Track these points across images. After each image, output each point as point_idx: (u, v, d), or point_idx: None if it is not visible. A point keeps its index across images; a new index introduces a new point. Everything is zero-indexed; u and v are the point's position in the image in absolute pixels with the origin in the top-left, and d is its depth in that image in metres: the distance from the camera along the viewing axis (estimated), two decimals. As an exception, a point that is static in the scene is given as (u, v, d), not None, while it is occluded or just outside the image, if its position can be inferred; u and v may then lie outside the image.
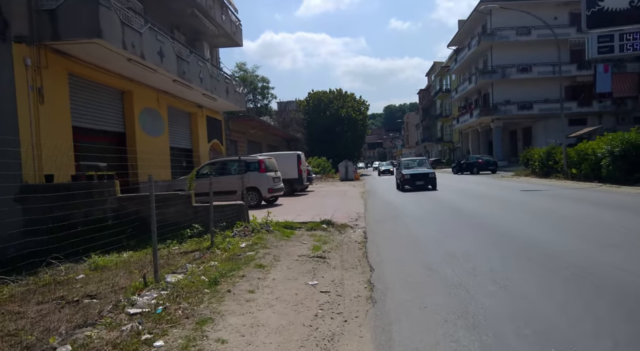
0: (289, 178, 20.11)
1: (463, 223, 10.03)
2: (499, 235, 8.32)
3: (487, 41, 42.94)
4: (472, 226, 9.54)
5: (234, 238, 8.45)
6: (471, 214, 11.58)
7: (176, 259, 7.61)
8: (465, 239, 8.09)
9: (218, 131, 24.66)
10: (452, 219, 10.92)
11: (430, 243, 7.93)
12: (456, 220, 10.66)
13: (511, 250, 6.94)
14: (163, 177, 17.44)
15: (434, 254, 6.99)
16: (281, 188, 15.67)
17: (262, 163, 14.66)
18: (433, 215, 11.84)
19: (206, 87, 18.94)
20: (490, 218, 10.65)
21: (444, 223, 10.32)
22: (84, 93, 13.78)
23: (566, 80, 43.69)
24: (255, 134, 32.04)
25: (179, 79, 16.39)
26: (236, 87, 23.84)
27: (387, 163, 55.41)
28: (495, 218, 10.55)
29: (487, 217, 10.94)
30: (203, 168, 15.39)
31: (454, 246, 7.43)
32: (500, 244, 7.44)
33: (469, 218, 10.77)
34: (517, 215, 11.03)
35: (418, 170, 20.89)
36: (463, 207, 13.17)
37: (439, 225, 10.08)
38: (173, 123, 19.53)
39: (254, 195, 14.60)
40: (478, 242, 7.80)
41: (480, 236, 8.35)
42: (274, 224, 9.96)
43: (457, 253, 6.81)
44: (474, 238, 8.12)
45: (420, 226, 10.09)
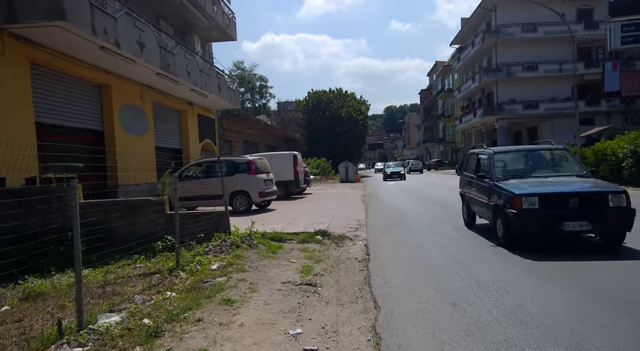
0: (284, 181, 18.53)
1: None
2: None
3: (492, 38, 41.31)
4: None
5: (207, 255, 6.87)
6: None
7: (131, 284, 6.04)
8: (493, 261, 6.49)
9: (211, 130, 23.09)
10: (470, 231, 9.32)
11: (449, 263, 6.33)
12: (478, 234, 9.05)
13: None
14: (148, 179, 15.80)
15: (456, 281, 5.40)
16: (274, 191, 14.08)
17: (252, 164, 13.08)
18: (445, 223, 10.24)
19: (195, 81, 17.37)
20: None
21: (462, 236, 8.71)
22: (53, 86, 12.20)
23: (574, 78, 42.03)
24: (252, 134, 30.47)
25: (162, 72, 14.82)
26: (229, 84, 22.26)
27: (395, 163, 42.91)
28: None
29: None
30: (187, 169, 13.81)
31: (482, 272, 5.82)
32: (526, 266, 5.84)
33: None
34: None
35: None
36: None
37: (455, 237, 8.47)
38: (159, 121, 17.96)
39: (243, 200, 13.02)
40: (513, 267, 6.21)
41: (507, 254, 6.75)
42: (259, 236, 8.37)
43: (486, 284, 5.22)
44: (503, 261, 6.53)
45: (430, 237, 8.49)
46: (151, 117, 16.83)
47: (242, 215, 12.63)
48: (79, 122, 13.39)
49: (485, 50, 43.92)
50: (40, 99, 11.64)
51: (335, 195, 20.27)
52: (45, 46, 11.29)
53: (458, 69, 52.28)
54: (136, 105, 15.78)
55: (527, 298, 4.55)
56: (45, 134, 11.77)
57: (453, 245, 7.69)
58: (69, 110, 12.85)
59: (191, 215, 8.73)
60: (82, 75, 13.19)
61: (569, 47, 42.67)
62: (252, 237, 8.01)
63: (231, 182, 13.08)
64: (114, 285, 6.09)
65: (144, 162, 15.97)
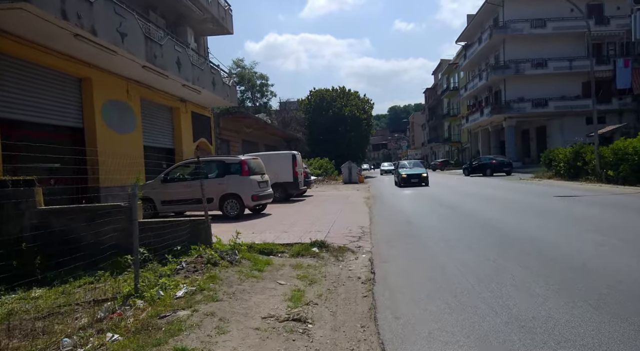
0: (282, 182, 17.26)
1: (513, 251, 7.11)
2: (580, 271, 5.41)
3: (500, 34, 39.89)
4: (530, 255, 6.62)
5: (176, 277, 5.59)
6: (515, 233, 8.65)
7: (75, 314, 4.79)
8: (536, 293, 5.18)
9: (206, 129, 21.85)
10: (489, 241, 8.00)
11: (477, 290, 5.03)
12: (497, 243, 7.73)
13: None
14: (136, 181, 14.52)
15: (496, 318, 4.10)
16: (269, 194, 12.80)
17: (244, 165, 11.80)
18: (461, 233, 8.92)
19: (186, 76, 16.13)
20: (546, 240, 7.73)
21: (483, 250, 7.39)
22: (22, 79, 10.97)
23: (583, 75, 40.58)
24: (251, 133, 29.22)
25: (149, 64, 13.59)
26: (226, 80, 21.01)
27: (413, 162, 28.49)
28: (552, 238, 7.63)
29: (540, 239, 8.01)
30: (174, 170, 12.55)
31: (527, 307, 4.51)
32: (589, 287, 4.55)
33: (515, 241, 7.85)
34: (590, 237, 7.95)
35: None
36: (496, 221, 10.24)
37: (476, 252, 7.14)
38: (149, 119, 16.73)
39: (234, 204, 11.74)
40: (564, 300, 4.90)
41: (555, 277, 5.44)
42: (245, 249, 7.08)
43: (536, 324, 3.91)
44: (549, 287, 5.22)
45: (448, 251, 7.17)
46: (139, 114, 15.60)
47: (232, 221, 11.35)
48: (55, 119, 12.17)
49: (493, 47, 42.52)
50: (6, 93, 10.42)
51: (338, 197, 18.98)
52: (10, 33, 10.06)
53: (464, 67, 50.87)
54: (122, 101, 14.55)
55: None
56: (12, 132, 10.54)
57: (475, 261, 6.39)
58: (42, 105, 11.62)
59: (166, 224, 7.45)
60: (58, 67, 11.97)
61: (579, 43, 41.46)
62: (235, 251, 6.73)
63: (221, 184, 11.82)
64: (54, 316, 4.84)
65: (131, 163, 14.77)
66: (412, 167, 26.12)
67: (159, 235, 7.48)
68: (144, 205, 12.23)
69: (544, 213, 11.20)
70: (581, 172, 21.49)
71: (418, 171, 24.60)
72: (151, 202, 12.19)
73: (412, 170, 24.82)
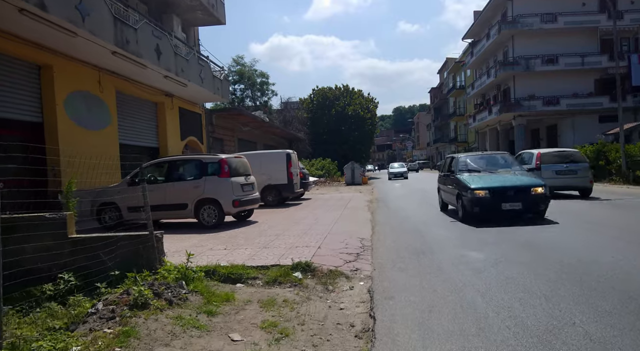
0: (275, 184, 15.36)
1: (567, 283, 5.16)
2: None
3: (509, 29, 37.77)
4: (597, 287, 4.68)
5: (75, 331, 3.70)
6: (558, 252, 6.70)
7: None
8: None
9: (196, 126, 20.01)
10: (525, 262, 6.04)
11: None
12: (539, 267, 5.78)
13: None
14: (110, 184, 12.75)
15: None
16: (255, 199, 10.87)
17: (224, 165, 9.89)
18: (483, 249, 6.98)
19: (167, 66, 14.27)
20: (608, 262, 5.77)
21: (521, 278, 5.43)
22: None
23: (595, 72, 38.40)
24: (248, 132, 27.34)
25: (119, 50, 11.73)
26: (217, 73, 19.16)
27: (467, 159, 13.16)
28: (621, 262, 5.68)
29: (599, 260, 6.05)
30: (144, 170, 10.62)
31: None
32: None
33: (565, 266, 5.90)
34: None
35: None
36: (544, 237, 8.28)
37: (515, 283, 5.20)
38: (127, 114, 14.91)
39: (211, 211, 9.83)
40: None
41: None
42: (201, 277, 5.18)
43: None
44: None
45: (476, 281, 5.23)
46: (114, 109, 13.77)
47: (209, 231, 9.45)
48: (7, 111, 10.34)
49: (501, 43, 40.40)
50: None
51: (338, 200, 17.05)
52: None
53: (471, 65, 48.75)
54: (91, 93, 12.71)
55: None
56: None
57: (518, 301, 4.45)
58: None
59: (105, 241, 5.57)
60: (9, 51, 10.15)
61: (592, 39, 39.27)
62: (182, 283, 4.81)
63: (197, 187, 9.92)
64: None
65: (105, 163, 12.93)
66: None
67: (95, 256, 5.62)
68: (109, 212, 10.38)
69: (585, 222, 9.22)
70: (603, 172, 19.48)
71: None
72: (116, 209, 10.31)
73: None
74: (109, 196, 10.13)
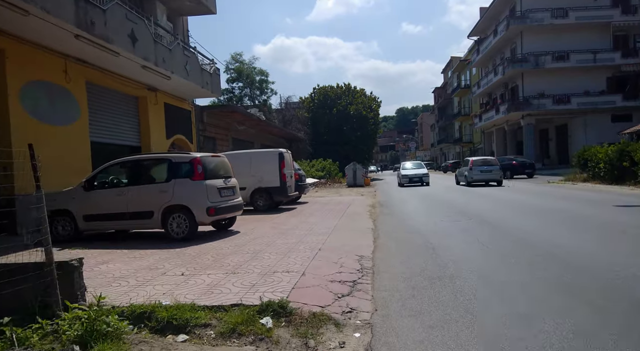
0: (266, 187, 13.65)
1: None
2: None
3: (517, 25, 35.99)
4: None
5: None
6: (608, 275, 5.00)
7: None
8: None
9: (185, 124, 18.35)
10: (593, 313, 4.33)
11: None
12: (602, 309, 4.07)
13: None
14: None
15: None
16: (236, 206, 9.15)
17: (197, 165, 8.20)
18: (520, 277, 5.27)
19: (144, 55, 12.60)
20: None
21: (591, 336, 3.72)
22: None
23: (608, 69, 36.54)
24: (245, 132, 25.67)
25: (82, 33, 10.07)
26: (206, 67, 17.51)
27: None
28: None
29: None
30: (104, 172, 8.94)
31: None
32: None
33: (624, 298, 4.20)
34: None
35: None
36: (562, 248, 6.57)
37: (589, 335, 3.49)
38: (101, 109, 13.27)
39: (181, 220, 8.15)
40: None
41: None
42: (118, 330, 3.48)
43: None
44: None
45: (528, 336, 3.54)
46: (85, 102, 12.12)
47: (176, 245, 7.74)
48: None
49: (509, 39, 38.62)
50: None
51: (337, 204, 15.34)
52: None
53: (477, 63, 46.99)
54: (55, 83, 11.07)
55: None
56: None
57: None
58: None
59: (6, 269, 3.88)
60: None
61: (604, 34, 37.37)
62: (74, 349, 3.11)
63: (164, 191, 8.21)
64: None
65: (75, 162, 11.29)
66: None
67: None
68: (62, 222, 8.71)
69: (621, 231, 7.48)
70: (626, 174, 17.69)
71: None
72: (70, 218, 8.64)
73: None
74: (62, 203, 8.45)
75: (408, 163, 29.19)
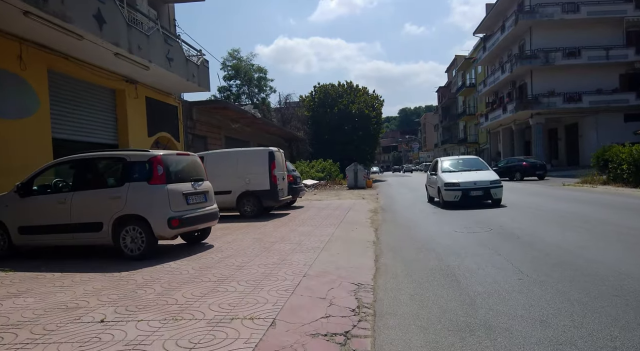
0: (255, 191, 11.97)
1: None
2: None
3: (526, 20, 34.22)
4: None
5: None
6: None
7: None
8: None
9: (171, 121, 16.74)
10: None
11: None
12: None
13: None
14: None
15: None
16: (209, 215, 7.45)
17: (156, 165, 6.53)
18: (583, 332, 3.58)
19: (115, 39, 10.96)
20: None
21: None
22: None
23: (621, 66, 34.68)
24: (239, 130, 24.06)
25: (32, 9, 8.45)
26: (193, 58, 15.88)
27: None
28: None
29: None
30: (43, 174, 7.26)
31: None
32: None
33: None
34: None
35: None
36: (630, 277, 4.87)
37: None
38: (67, 101, 11.64)
39: (136, 234, 6.50)
40: None
41: None
42: None
43: None
44: None
45: None
46: (44, 92, 10.49)
47: (125, 268, 6.05)
48: None
49: (517, 35, 36.84)
50: None
51: (334, 209, 13.67)
52: None
53: (483, 61, 45.22)
54: (6, 70, 9.47)
55: None
56: None
57: None
58: None
59: None
60: None
61: (617, 30, 35.55)
62: None
63: (116, 198, 6.54)
64: None
65: (26, 163, 9.68)
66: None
67: None
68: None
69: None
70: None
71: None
72: (2, 230, 6.99)
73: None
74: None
75: (448, 162, 14.79)
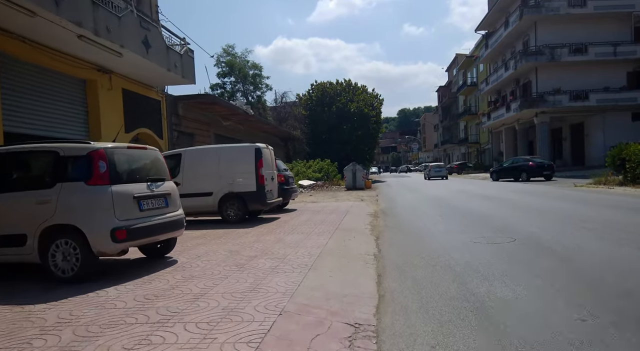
0: (239, 192, 10.46)
1: None
2: None
3: (531, 15, 32.80)
4: None
5: None
6: None
7: None
8: None
9: (152, 116, 15.26)
10: None
11: None
12: None
13: None
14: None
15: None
16: (172, 223, 5.97)
17: (97, 160, 5.08)
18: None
19: (77, 18, 9.48)
20: None
21: None
22: None
23: (629, 63, 33.27)
24: (232, 128, 22.58)
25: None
26: (177, 48, 14.41)
27: None
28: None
29: None
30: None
31: None
32: None
33: None
34: None
35: None
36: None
37: None
38: (24, 91, 10.16)
39: (69, 250, 5.05)
40: None
41: None
42: None
43: None
44: None
45: None
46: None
47: (44, 297, 4.55)
48: None
49: (522, 31, 35.42)
50: None
51: (330, 213, 12.19)
52: None
53: (485, 58, 43.81)
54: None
55: None
56: None
57: None
58: None
59: None
60: None
61: (625, 26, 34.16)
62: None
63: (44, 203, 5.05)
64: None
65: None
66: None
67: None
68: None
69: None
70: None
71: None
72: None
73: None
74: None
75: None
